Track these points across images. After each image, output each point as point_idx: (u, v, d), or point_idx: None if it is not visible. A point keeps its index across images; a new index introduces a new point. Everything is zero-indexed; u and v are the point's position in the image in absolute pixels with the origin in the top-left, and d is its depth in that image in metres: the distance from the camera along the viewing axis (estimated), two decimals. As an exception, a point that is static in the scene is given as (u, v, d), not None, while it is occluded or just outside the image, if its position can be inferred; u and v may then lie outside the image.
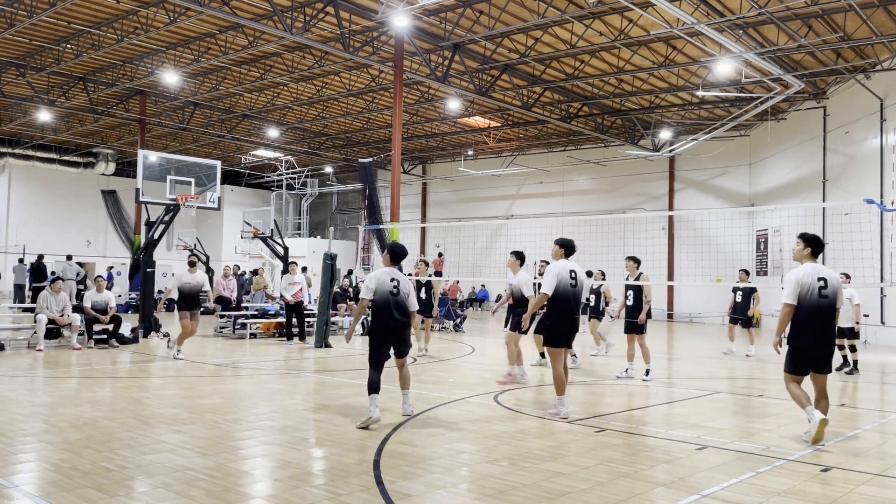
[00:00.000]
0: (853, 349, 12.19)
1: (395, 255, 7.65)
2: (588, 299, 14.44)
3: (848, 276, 13.01)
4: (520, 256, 10.66)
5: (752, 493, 5.05)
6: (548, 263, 8.88)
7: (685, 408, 8.60)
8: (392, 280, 7.23)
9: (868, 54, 19.47)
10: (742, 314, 15.39)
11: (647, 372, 10.63)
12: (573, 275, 7.70)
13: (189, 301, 12.37)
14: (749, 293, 15.35)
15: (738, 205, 27.99)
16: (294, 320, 16.02)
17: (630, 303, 10.96)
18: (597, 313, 14.54)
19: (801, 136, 24.03)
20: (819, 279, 6.61)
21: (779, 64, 19.38)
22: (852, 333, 12.07)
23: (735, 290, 15.62)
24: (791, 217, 22.95)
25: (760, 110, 23.27)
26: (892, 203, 17.89)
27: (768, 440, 6.77)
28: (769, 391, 10.05)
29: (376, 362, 7.17)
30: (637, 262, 11.13)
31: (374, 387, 7.00)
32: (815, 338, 6.63)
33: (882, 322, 18.92)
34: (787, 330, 6.76)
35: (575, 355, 12.12)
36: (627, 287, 11.07)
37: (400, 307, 7.24)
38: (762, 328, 25.48)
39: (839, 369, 12.08)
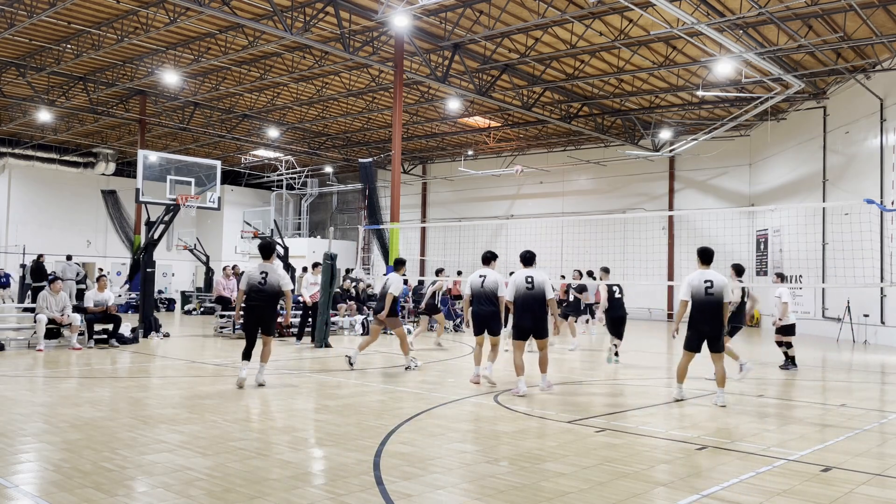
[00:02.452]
0: (789, 345, 12.66)
1: (264, 249, 9.96)
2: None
3: (782, 277, 14.32)
4: (493, 256, 10.63)
5: (752, 493, 5.05)
6: (581, 274, 10.89)
7: (685, 408, 8.60)
8: (260, 273, 9.45)
9: (868, 54, 19.47)
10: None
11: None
12: (529, 279, 9.47)
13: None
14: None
15: (738, 205, 27.99)
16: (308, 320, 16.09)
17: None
18: (575, 311, 16.77)
19: (801, 136, 24.03)
20: (706, 281, 8.69)
21: (779, 64, 19.38)
22: (786, 331, 12.62)
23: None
24: (791, 217, 22.97)
25: (760, 110, 23.27)
26: (892, 203, 17.89)
27: (768, 440, 6.78)
28: (769, 391, 10.05)
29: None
30: (605, 270, 13.89)
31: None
32: (706, 324, 8.61)
33: (882, 322, 18.92)
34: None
35: (617, 353, 13.16)
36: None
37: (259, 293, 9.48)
38: (762, 328, 25.49)
39: (782, 367, 12.58)
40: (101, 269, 26.28)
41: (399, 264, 11.97)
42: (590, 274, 20.13)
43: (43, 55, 23.48)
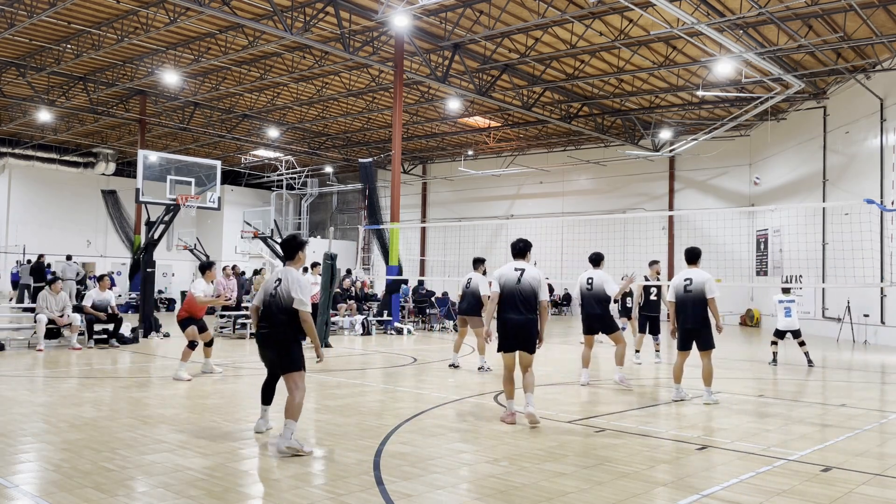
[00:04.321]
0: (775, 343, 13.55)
1: (286, 245, 6.62)
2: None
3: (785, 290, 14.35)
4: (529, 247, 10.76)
5: (752, 493, 5.05)
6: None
7: (685, 408, 8.60)
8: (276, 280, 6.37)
9: (868, 54, 19.46)
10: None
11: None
12: (590, 281, 9.76)
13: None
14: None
15: (738, 205, 27.99)
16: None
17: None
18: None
19: (801, 136, 24.03)
20: (685, 279, 8.81)
21: (779, 64, 19.38)
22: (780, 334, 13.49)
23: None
24: (791, 217, 22.96)
25: (760, 110, 23.27)
26: (892, 203, 17.89)
27: (768, 440, 6.77)
28: (769, 391, 10.05)
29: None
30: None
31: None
32: (687, 321, 8.73)
33: (882, 322, 18.92)
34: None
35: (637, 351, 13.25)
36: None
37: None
38: (762, 328, 25.50)
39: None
40: (107, 273, 26.36)
41: (478, 263, 12.04)
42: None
43: (43, 55, 23.47)
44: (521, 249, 7.58)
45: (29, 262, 27.12)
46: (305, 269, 20.32)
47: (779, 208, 23.12)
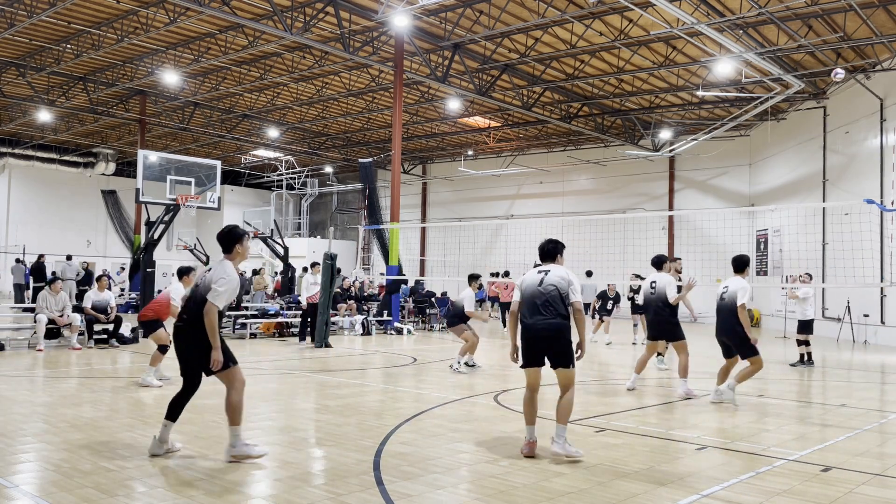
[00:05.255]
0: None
1: (223, 238, 5.96)
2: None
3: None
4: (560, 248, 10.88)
5: (752, 493, 5.05)
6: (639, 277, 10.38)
7: (685, 408, 8.60)
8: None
9: (868, 54, 19.46)
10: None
11: None
12: (653, 284, 9.69)
13: None
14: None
15: (738, 205, 27.98)
16: (307, 319, 15.68)
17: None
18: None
19: (801, 136, 24.03)
20: (723, 287, 8.81)
21: (779, 64, 19.38)
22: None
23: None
24: (791, 217, 22.96)
25: (760, 110, 23.27)
26: (892, 203, 17.89)
27: (768, 440, 6.77)
28: (769, 391, 10.04)
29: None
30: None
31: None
32: (721, 333, 8.77)
33: (882, 322, 18.92)
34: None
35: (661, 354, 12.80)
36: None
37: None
38: (762, 328, 25.49)
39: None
40: (105, 273, 26.26)
41: (473, 279, 11.97)
42: (588, 274, 20.15)
43: (43, 55, 23.47)
44: (548, 251, 6.41)
45: (18, 260, 27.10)
46: (305, 269, 20.35)
47: (779, 208, 23.11)
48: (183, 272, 9.62)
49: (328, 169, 40.60)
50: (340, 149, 36.13)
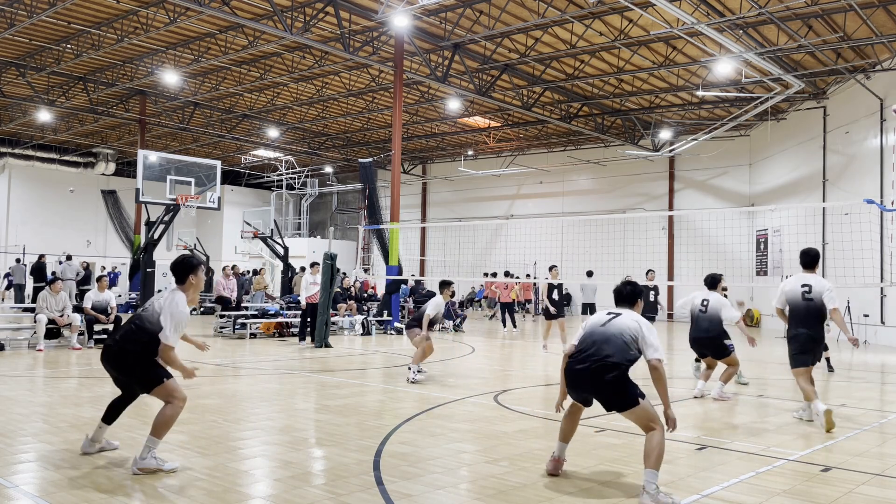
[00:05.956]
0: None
1: (176, 267, 5.77)
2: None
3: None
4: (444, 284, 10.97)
5: (752, 493, 5.05)
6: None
7: (685, 408, 8.60)
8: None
9: (868, 54, 19.46)
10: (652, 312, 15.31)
11: None
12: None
13: None
14: (656, 293, 15.63)
15: (738, 205, 27.98)
16: (307, 319, 15.58)
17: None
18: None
19: (801, 136, 24.03)
20: (804, 285, 7.69)
21: (779, 64, 19.38)
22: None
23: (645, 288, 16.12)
24: (791, 217, 22.95)
25: (760, 110, 23.26)
26: (892, 203, 17.89)
27: (768, 440, 6.77)
28: (769, 391, 10.04)
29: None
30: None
31: None
32: (808, 332, 7.64)
33: (882, 322, 18.93)
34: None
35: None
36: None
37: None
38: (762, 328, 25.49)
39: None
40: (105, 274, 26.24)
41: (444, 286, 11.05)
42: (589, 274, 20.14)
43: (43, 55, 23.47)
44: (624, 296, 5.58)
45: (18, 260, 27.15)
46: (303, 269, 20.35)
47: (778, 208, 23.10)
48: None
49: (328, 169, 40.60)
50: (340, 149, 36.13)
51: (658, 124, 28.13)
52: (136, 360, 5.42)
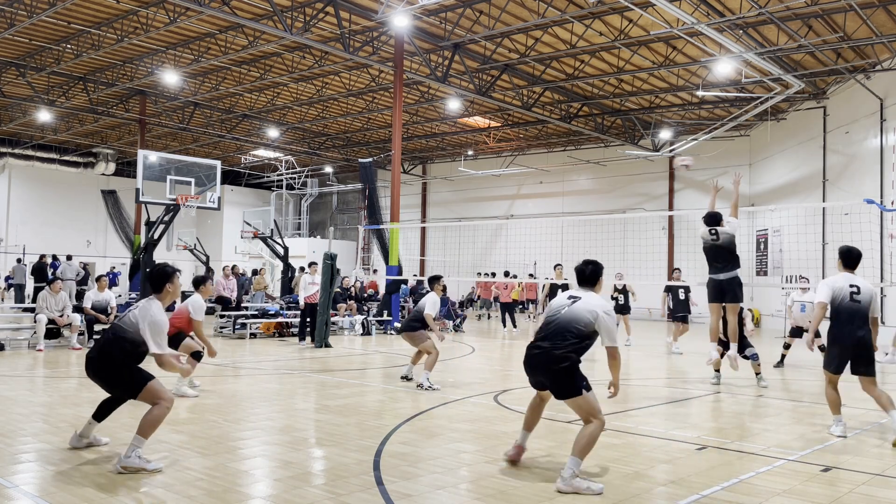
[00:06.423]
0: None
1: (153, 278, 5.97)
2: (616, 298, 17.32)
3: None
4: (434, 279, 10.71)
5: (752, 493, 5.05)
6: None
7: (685, 408, 8.60)
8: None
9: (868, 54, 19.46)
10: (685, 311, 16.16)
11: None
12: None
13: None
14: (686, 291, 16.12)
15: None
16: (307, 319, 15.48)
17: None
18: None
19: (801, 136, 24.03)
20: (852, 286, 7.10)
21: (779, 64, 19.38)
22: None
23: (669, 288, 16.53)
24: (791, 217, 22.95)
25: (760, 110, 23.26)
26: (892, 203, 17.89)
27: (768, 440, 6.77)
28: (769, 391, 10.05)
29: None
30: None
31: None
32: (854, 337, 7.05)
33: (882, 322, 18.90)
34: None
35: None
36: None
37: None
38: (762, 328, 25.48)
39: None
40: (105, 273, 26.25)
41: (434, 281, 10.63)
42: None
43: (43, 55, 23.47)
44: (586, 276, 5.58)
45: (18, 260, 27.16)
46: (302, 269, 20.33)
47: (779, 208, 23.10)
48: (199, 282, 8.96)
49: (328, 169, 40.59)
50: (340, 149, 36.13)
51: (658, 124, 28.13)
52: (117, 367, 5.51)
